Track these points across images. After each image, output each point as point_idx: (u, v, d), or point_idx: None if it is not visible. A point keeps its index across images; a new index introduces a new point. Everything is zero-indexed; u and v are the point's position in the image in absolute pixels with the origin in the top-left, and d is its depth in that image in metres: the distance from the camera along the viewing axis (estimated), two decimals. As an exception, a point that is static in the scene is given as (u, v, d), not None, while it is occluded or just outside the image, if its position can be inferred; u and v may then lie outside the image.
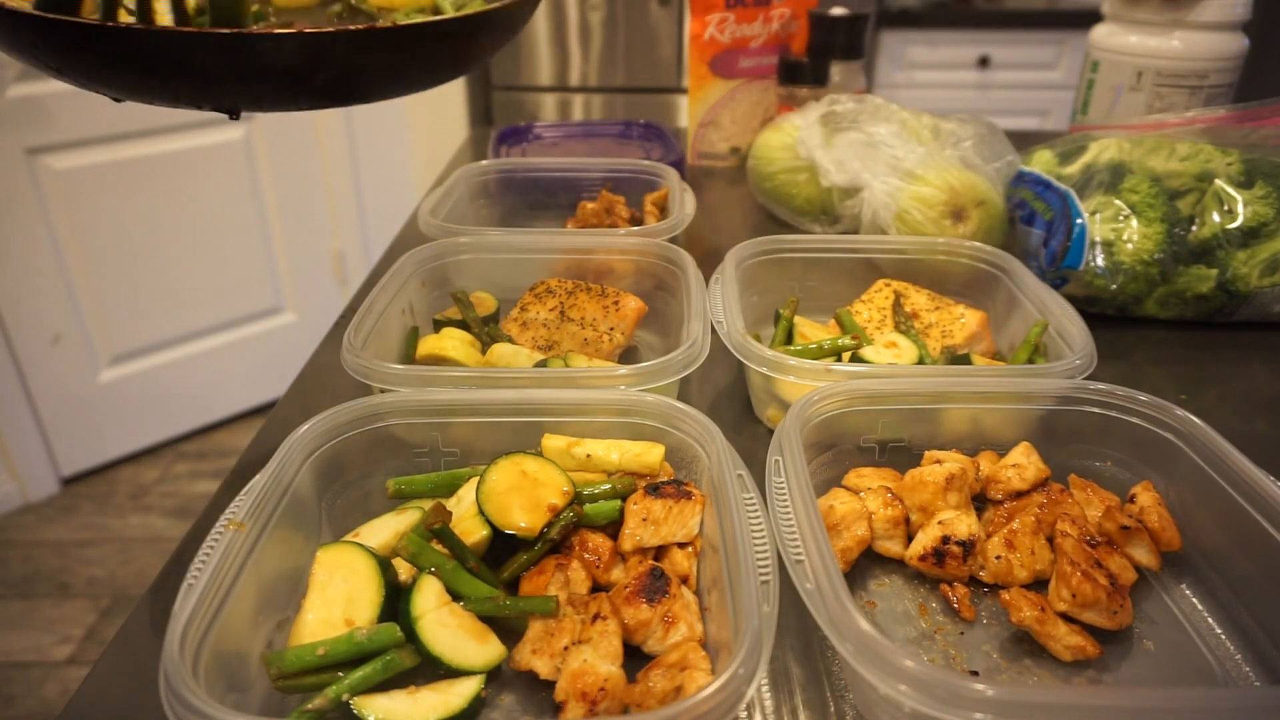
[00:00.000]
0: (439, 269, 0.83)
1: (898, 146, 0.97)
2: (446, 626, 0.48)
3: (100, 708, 0.49)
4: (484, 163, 1.08)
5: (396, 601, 0.50)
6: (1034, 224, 0.92)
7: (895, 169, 0.95)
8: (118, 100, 0.56)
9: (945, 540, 0.55)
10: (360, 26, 0.54)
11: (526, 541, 0.53)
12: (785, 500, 0.51)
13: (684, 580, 0.53)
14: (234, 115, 0.56)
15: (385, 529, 0.55)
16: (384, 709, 0.44)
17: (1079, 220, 0.87)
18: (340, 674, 0.46)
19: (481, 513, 0.53)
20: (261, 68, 0.53)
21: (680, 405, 0.58)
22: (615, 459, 0.57)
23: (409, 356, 0.76)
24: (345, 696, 0.44)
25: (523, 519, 0.53)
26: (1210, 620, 0.53)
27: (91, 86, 0.55)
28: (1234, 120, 0.97)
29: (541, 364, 0.70)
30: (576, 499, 0.54)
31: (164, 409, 2.52)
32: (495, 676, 0.49)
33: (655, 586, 0.50)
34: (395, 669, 0.46)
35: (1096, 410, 0.61)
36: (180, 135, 2.29)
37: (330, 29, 0.54)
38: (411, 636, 0.48)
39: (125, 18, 0.56)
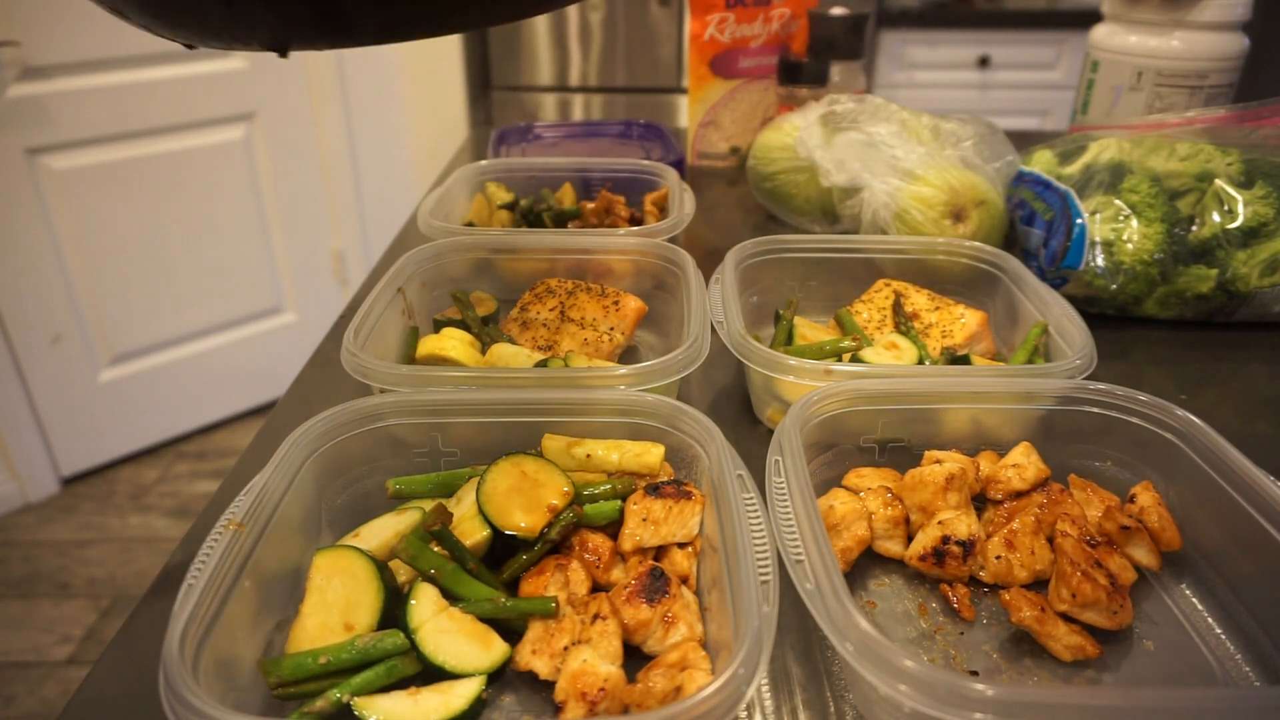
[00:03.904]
0: (439, 269, 0.83)
1: (898, 146, 0.97)
2: (446, 633, 0.48)
3: (100, 708, 0.48)
4: (484, 163, 1.07)
5: (396, 605, 0.50)
6: (1034, 224, 0.92)
7: (895, 169, 0.95)
8: (189, 47, 0.48)
9: (945, 540, 0.55)
10: None
11: (526, 542, 0.53)
12: (785, 500, 0.51)
13: (684, 580, 0.53)
14: (283, 53, 0.47)
15: (385, 529, 0.55)
16: (385, 710, 0.44)
17: (1079, 220, 0.87)
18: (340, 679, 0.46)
19: (481, 513, 0.53)
20: None
21: (680, 405, 0.58)
22: (615, 459, 0.57)
23: (409, 356, 0.76)
24: (346, 698, 0.44)
25: (523, 519, 0.53)
26: (1210, 620, 0.53)
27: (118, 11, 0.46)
28: (1234, 120, 0.97)
29: (541, 364, 0.70)
30: (576, 499, 0.54)
31: (164, 409, 2.52)
32: (496, 677, 0.49)
33: (655, 586, 0.50)
34: (398, 675, 0.46)
35: (1096, 410, 0.61)
36: (180, 135, 2.29)
37: None
38: (412, 646, 0.48)
39: None
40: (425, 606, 0.49)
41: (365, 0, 0.45)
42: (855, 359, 0.72)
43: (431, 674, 0.47)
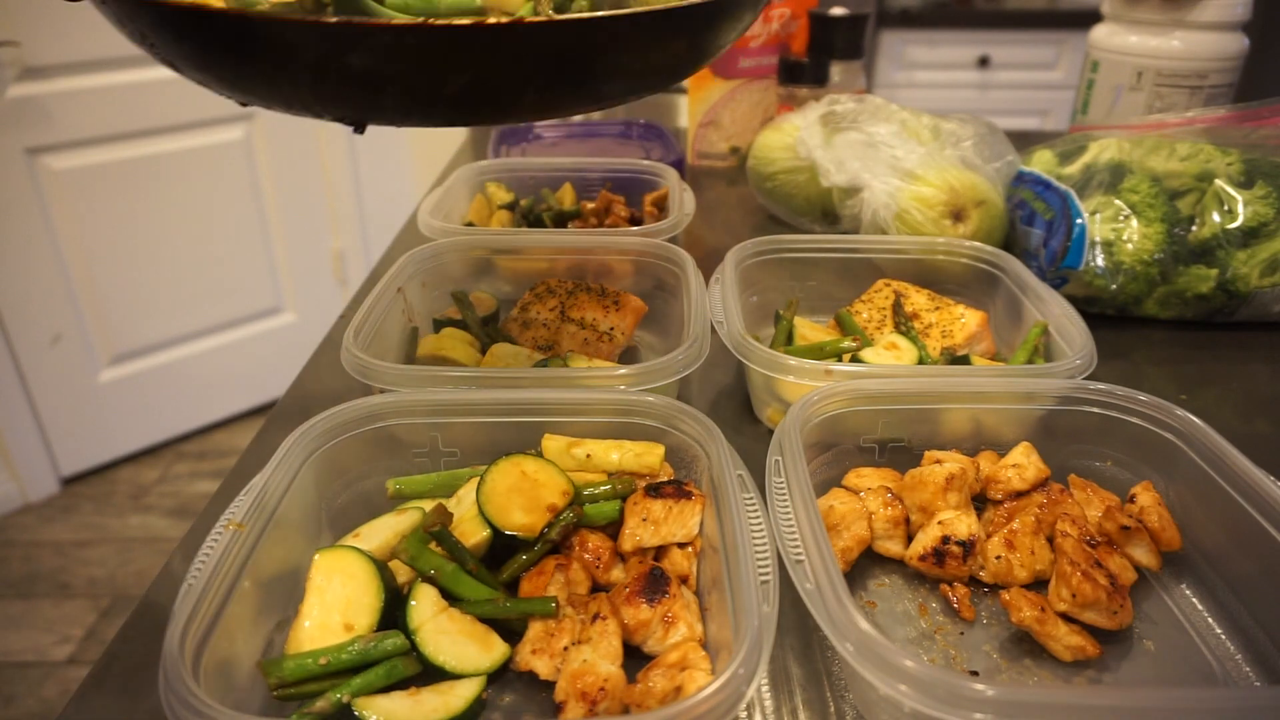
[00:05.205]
0: (439, 269, 0.83)
1: (898, 146, 0.97)
2: (446, 633, 0.48)
3: (100, 708, 0.48)
4: (484, 163, 1.07)
5: (396, 606, 0.50)
6: (1034, 224, 0.92)
7: (895, 169, 0.95)
8: (244, 105, 0.50)
9: (945, 540, 0.55)
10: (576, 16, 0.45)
11: (526, 542, 0.53)
12: (785, 500, 0.51)
13: (684, 580, 0.53)
14: (359, 130, 0.49)
15: (385, 529, 0.55)
16: (385, 711, 0.44)
17: (1079, 220, 0.87)
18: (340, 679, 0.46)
19: (481, 513, 0.53)
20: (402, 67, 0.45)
21: (680, 405, 0.58)
22: (615, 459, 0.57)
23: (409, 356, 0.76)
24: (346, 698, 0.44)
25: (523, 519, 0.53)
26: (1210, 620, 0.53)
27: (206, 83, 0.49)
28: (1234, 120, 0.97)
29: (541, 364, 0.70)
30: (576, 499, 0.54)
31: (164, 409, 2.52)
32: (496, 677, 0.49)
33: (655, 586, 0.50)
34: (398, 676, 0.46)
35: (1096, 410, 0.61)
36: (180, 135, 2.29)
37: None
38: (412, 646, 0.48)
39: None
40: (425, 607, 0.49)
41: (458, 99, 0.47)
42: (855, 359, 0.72)
43: (431, 674, 0.47)
